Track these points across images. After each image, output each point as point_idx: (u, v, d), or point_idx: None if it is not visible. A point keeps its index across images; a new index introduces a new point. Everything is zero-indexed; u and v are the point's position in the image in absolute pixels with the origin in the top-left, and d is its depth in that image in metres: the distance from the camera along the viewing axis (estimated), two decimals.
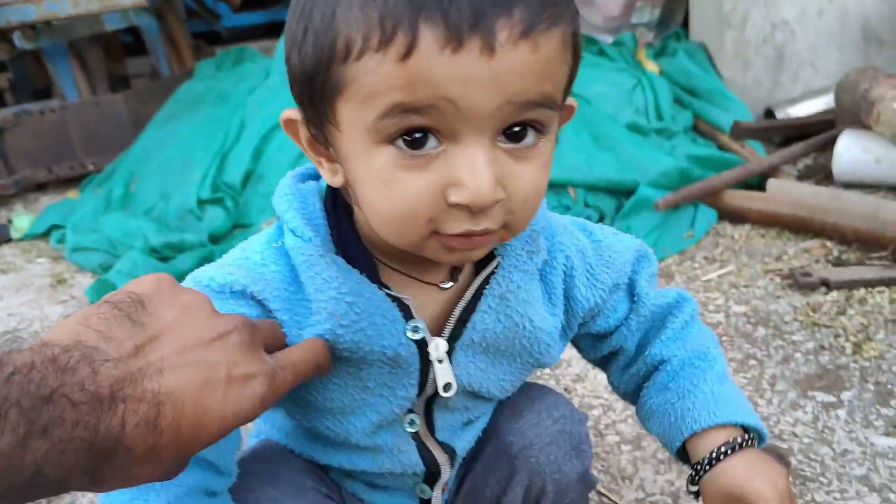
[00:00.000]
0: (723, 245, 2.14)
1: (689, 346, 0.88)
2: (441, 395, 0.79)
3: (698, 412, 0.82)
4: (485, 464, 0.93)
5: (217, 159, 2.80)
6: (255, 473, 0.84)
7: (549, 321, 0.83)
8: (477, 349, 0.80)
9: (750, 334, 1.70)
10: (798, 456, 1.32)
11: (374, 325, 0.74)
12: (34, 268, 2.83)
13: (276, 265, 0.74)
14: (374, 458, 0.86)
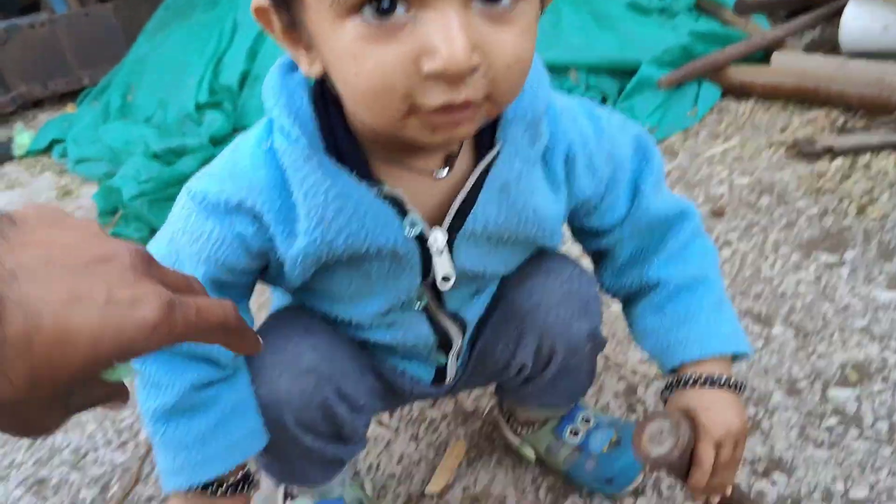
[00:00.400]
0: (727, 120, 2.12)
1: (688, 270, 0.88)
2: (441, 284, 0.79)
3: (691, 344, 0.86)
4: (494, 328, 0.93)
5: (212, 63, 2.76)
6: (289, 324, 0.86)
7: (553, 207, 0.81)
8: (479, 239, 0.79)
9: (753, 204, 1.70)
10: (800, 313, 1.35)
11: (367, 226, 0.72)
12: (39, 182, 2.84)
13: (266, 168, 0.72)
14: (387, 332, 0.88)
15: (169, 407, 0.79)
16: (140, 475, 1.28)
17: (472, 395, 1.31)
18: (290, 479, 0.98)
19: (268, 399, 0.83)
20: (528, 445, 1.12)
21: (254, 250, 0.77)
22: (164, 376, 0.79)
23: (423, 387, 0.97)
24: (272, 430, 0.85)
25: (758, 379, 1.22)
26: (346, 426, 0.90)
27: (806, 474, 1.05)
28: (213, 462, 0.81)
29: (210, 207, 0.74)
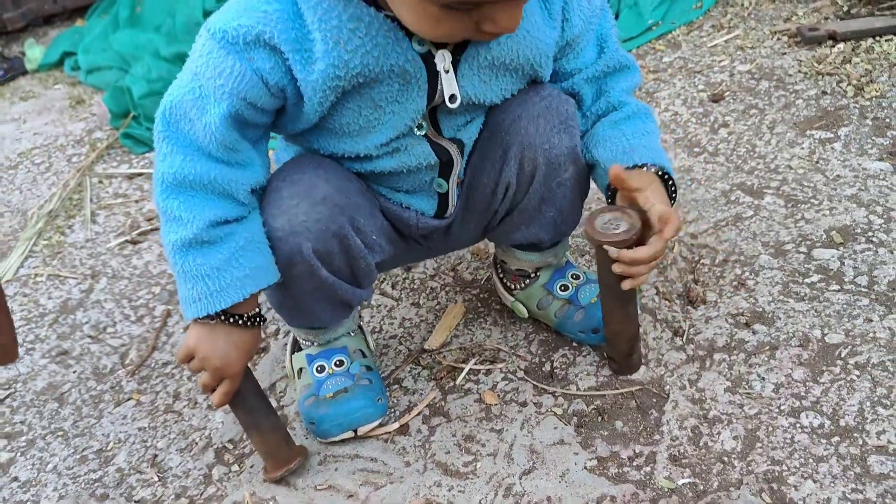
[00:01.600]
0: (731, 13, 2.10)
1: (640, 104, 1.00)
2: (446, 105, 0.86)
3: (648, 151, 0.96)
4: (482, 150, 0.99)
5: None
6: (302, 161, 0.93)
7: (547, 33, 0.89)
8: (482, 63, 0.87)
9: (753, 88, 1.71)
10: (791, 184, 1.38)
11: (379, 45, 0.80)
12: (53, 93, 2.88)
13: (279, 2, 0.79)
14: (392, 158, 0.94)
15: (188, 240, 0.86)
16: (156, 344, 1.36)
17: (471, 267, 1.37)
18: (300, 320, 1.04)
19: (286, 229, 0.89)
20: (520, 303, 1.18)
21: (272, 85, 0.82)
22: (185, 211, 0.85)
23: (427, 219, 1.03)
24: (290, 261, 0.91)
25: (745, 243, 1.26)
26: (359, 261, 0.96)
27: (785, 324, 1.10)
28: (227, 291, 0.88)
29: (229, 44, 0.79)
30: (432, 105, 0.89)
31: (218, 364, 0.92)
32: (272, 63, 0.80)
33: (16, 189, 2.12)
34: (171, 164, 0.86)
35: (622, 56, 0.99)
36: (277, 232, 0.90)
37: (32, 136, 2.48)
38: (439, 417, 1.07)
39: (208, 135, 0.83)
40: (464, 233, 1.09)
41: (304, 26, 0.79)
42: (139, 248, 1.68)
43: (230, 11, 0.80)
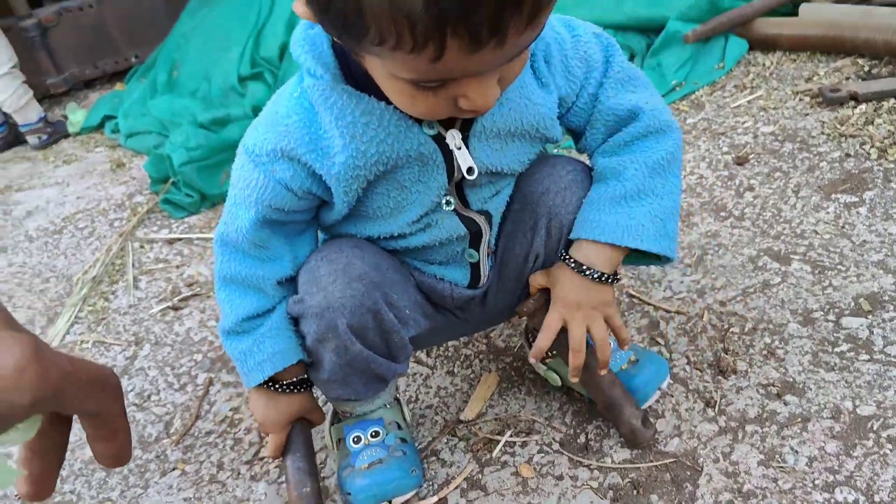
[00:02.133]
0: (753, 73, 2.15)
1: (611, 162, 0.99)
2: (467, 178, 0.91)
3: (578, 225, 1.00)
4: (513, 221, 1.05)
5: (253, 36, 2.86)
6: (339, 242, 1.01)
7: (545, 100, 0.94)
8: (490, 134, 0.92)
9: (777, 150, 1.75)
10: (818, 250, 1.40)
11: (392, 133, 0.87)
12: (94, 156, 2.99)
13: (297, 114, 0.89)
14: (424, 234, 1.01)
15: (228, 329, 1.02)
16: (199, 412, 1.40)
17: (503, 335, 1.40)
18: (337, 392, 1.08)
19: (323, 304, 0.96)
20: (553, 371, 1.21)
21: (297, 190, 0.93)
22: (226, 305, 1.02)
23: (461, 290, 1.08)
24: (326, 336, 0.98)
25: (773, 311, 1.28)
26: (393, 335, 1.01)
27: (816, 395, 1.12)
28: (252, 373, 1.03)
29: (256, 158, 0.92)
30: (455, 180, 0.95)
31: (260, 422, 1.08)
32: (293, 171, 0.91)
33: (61, 254, 2.20)
34: (217, 265, 1.02)
35: (620, 104, 0.97)
36: (315, 308, 0.97)
37: (76, 199, 2.57)
38: (477, 491, 1.10)
39: (240, 236, 0.97)
40: (499, 302, 1.13)
41: (321, 127, 0.88)
42: (181, 315, 1.74)
43: (260, 128, 0.92)
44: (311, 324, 0.98)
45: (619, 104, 0.97)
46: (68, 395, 0.44)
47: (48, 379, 0.42)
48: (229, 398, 1.42)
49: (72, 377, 0.45)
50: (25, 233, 2.40)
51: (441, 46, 0.61)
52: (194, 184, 2.17)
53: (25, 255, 2.25)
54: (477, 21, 0.60)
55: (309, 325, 0.99)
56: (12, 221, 2.53)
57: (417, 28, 0.60)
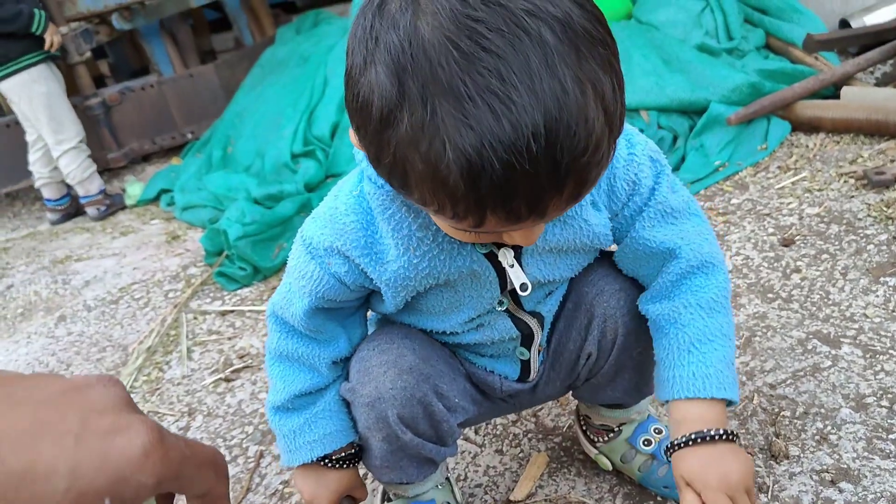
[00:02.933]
0: (796, 154, 2.17)
1: (663, 309, 0.96)
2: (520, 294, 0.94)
3: (660, 386, 0.97)
4: (567, 319, 1.06)
5: (306, 115, 2.98)
6: (392, 331, 1.03)
7: (599, 218, 0.94)
8: (542, 251, 0.94)
9: (823, 232, 1.76)
10: (868, 334, 1.40)
11: (445, 250, 0.89)
12: (150, 228, 3.11)
13: (355, 214, 0.91)
14: (476, 333, 1.03)
15: (278, 405, 1.04)
16: (250, 486, 1.43)
17: (552, 414, 1.41)
18: (388, 476, 1.10)
19: (374, 395, 0.98)
20: (603, 455, 1.21)
21: (349, 284, 0.96)
22: (279, 380, 1.03)
23: (511, 383, 1.09)
24: (376, 425, 0.99)
25: (824, 395, 1.28)
26: (442, 424, 1.02)
27: (872, 483, 1.10)
28: (299, 451, 1.04)
29: (313, 251, 0.95)
30: (508, 289, 0.96)
31: (307, 499, 1.08)
32: (347, 268, 0.93)
33: (117, 324, 2.27)
34: (271, 339, 1.04)
35: (658, 239, 0.94)
36: (365, 398, 0.99)
37: (132, 270, 2.67)
38: None
39: (295, 321, 1.00)
40: (548, 391, 1.15)
41: (377, 232, 0.90)
42: (232, 387, 1.78)
43: (319, 220, 0.95)
44: (361, 413, 1.00)
45: (654, 237, 0.94)
46: (186, 477, 0.47)
47: (171, 461, 0.45)
48: (280, 472, 1.44)
49: (190, 460, 0.47)
50: (84, 302, 2.49)
51: (481, 219, 0.65)
52: (248, 257, 2.24)
53: (84, 324, 2.32)
54: (516, 205, 0.63)
55: (359, 413, 1.01)
56: (71, 291, 2.62)
57: (458, 205, 0.63)
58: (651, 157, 0.93)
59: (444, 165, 0.60)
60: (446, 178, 0.61)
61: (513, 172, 0.60)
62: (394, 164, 0.64)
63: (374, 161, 0.68)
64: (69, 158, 3.24)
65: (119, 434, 0.42)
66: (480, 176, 0.60)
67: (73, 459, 0.39)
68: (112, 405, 0.45)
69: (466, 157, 0.59)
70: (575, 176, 0.62)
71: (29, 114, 3.21)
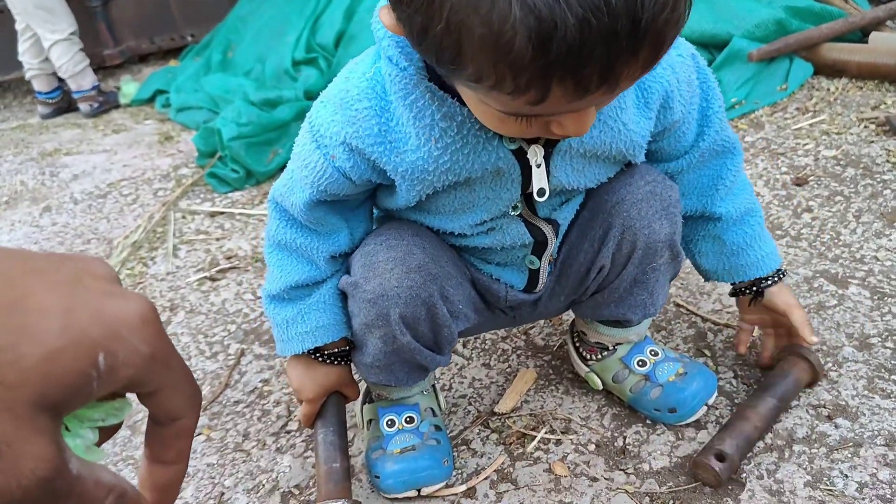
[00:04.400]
0: (817, 97, 2.10)
1: (740, 204, 1.04)
2: (538, 199, 0.87)
3: (749, 268, 1.07)
4: (581, 227, 1.00)
5: (310, 22, 2.87)
6: (400, 227, 0.96)
7: (642, 124, 0.88)
8: (574, 154, 0.87)
9: (838, 175, 1.70)
10: (878, 276, 1.35)
11: (469, 143, 0.81)
12: (143, 128, 3.02)
13: (369, 100, 0.82)
14: (486, 237, 0.97)
15: (273, 294, 1.00)
16: (229, 381, 1.39)
17: (543, 332, 1.37)
18: (377, 377, 1.05)
19: (377, 292, 0.92)
20: (594, 374, 1.17)
21: (354, 179, 0.89)
22: (276, 268, 0.99)
23: (516, 293, 1.04)
24: (376, 323, 0.94)
25: (828, 333, 1.24)
26: (443, 329, 0.98)
27: (870, 421, 1.07)
28: (291, 342, 1.01)
29: (319, 138, 0.87)
30: (526, 192, 0.90)
31: (295, 388, 1.07)
32: (352, 163, 0.86)
33: (103, 218, 2.21)
34: (271, 226, 1.00)
35: (724, 138, 1.00)
36: (368, 294, 0.93)
37: (122, 167, 2.59)
38: (507, 484, 1.07)
39: (296, 210, 0.95)
40: (551, 305, 1.10)
41: (393, 119, 0.82)
42: (217, 286, 1.73)
43: (329, 105, 0.86)
44: (361, 308, 0.95)
45: (726, 134, 1.00)
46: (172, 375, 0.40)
47: (166, 341, 0.39)
48: (260, 370, 1.40)
49: (180, 361, 0.40)
50: (71, 195, 2.42)
51: (545, 92, 0.56)
52: (241, 160, 2.17)
53: (69, 215, 2.26)
54: (587, 72, 0.54)
55: (359, 309, 0.95)
56: (59, 183, 2.55)
57: (522, 75, 0.55)
58: (693, 55, 0.93)
59: (508, 27, 0.52)
60: (511, 42, 0.52)
61: (588, 31, 0.51)
62: (446, 32, 0.55)
63: (420, 34, 0.58)
64: (60, 50, 3.12)
65: (115, 297, 0.36)
66: (552, 37, 0.51)
67: (67, 303, 0.34)
68: (107, 276, 0.39)
69: (537, 15, 0.51)
70: (653, 36, 0.54)
71: (17, 0, 3.07)
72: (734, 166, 1.02)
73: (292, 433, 1.23)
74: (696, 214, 1.06)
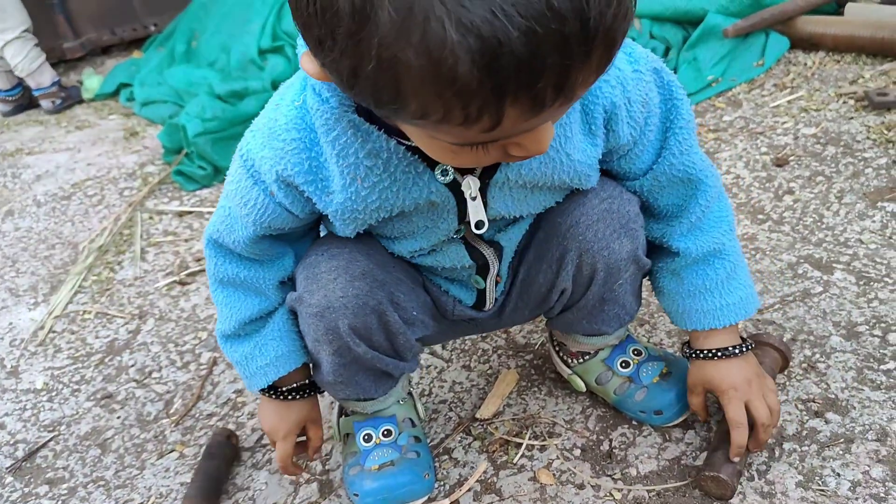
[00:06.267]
0: (794, 72, 2.06)
1: (705, 242, 0.93)
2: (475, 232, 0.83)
3: (703, 316, 0.96)
4: (536, 250, 0.95)
5: (276, 8, 2.79)
6: (344, 238, 0.90)
7: (589, 152, 0.81)
8: (513, 185, 0.81)
9: (819, 154, 1.67)
10: (863, 260, 1.32)
11: (398, 180, 0.76)
12: (107, 123, 2.93)
13: (297, 130, 0.76)
14: (427, 257, 0.93)
15: (228, 333, 0.96)
16: (202, 393, 1.34)
17: (524, 330, 1.33)
18: (345, 392, 1.01)
19: (323, 304, 0.88)
20: (577, 376, 1.14)
21: (297, 213, 0.84)
22: (224, 307, 0.96)
23: (464, 308, 1.01)
24: (327, 338, 0.90)
25: (814, 322, 1.21)
26: (398, 337, 0.94)
27: (861, 415, 1.04)
28: (255, 377, 0.97)
29: (255, 174, 0.81)
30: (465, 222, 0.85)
31: (268, 431, 1.03)
32: (292, 199, 0.81)
33: (68, 220, 2.14)
34: (210, 266, 0.95)
35: (686, 165, 0.88)
36: (313, 308, 0.89)
37: (86, 166, 2.51)
38: (491, 495, 1.03)
39: (238, 248, 0.90)
40: (516, 317, 1.06)
41: (322, 154, 0.76)
42: (187, 290, 1.67)
43: (258, 136, 0.80)
44: (309, 325, 0.91)
45: (690, 163, 0.88)
46: None
47: None
48: (233, 380, 1.36)
49: None
50: (34, 197, 2.35)
51: (499, 116, 0.51)
52: (208, 156, 2.10)
53: (32, 219, 2.19)
54: (542, 86, 0.49)
55: (307, 325, 0.91)
56: (21, 185, 2.47)
57: (472, 102, 0.49)
58: (656, 70, 0.83)
59: (447, 53, 0.46)
60: (453, 69, 0.46)
61: (536, 42, 0.46)
62: (379, 71, 0.49)
63: (351, 78, 0.52)
64: (14, 49, 2.99)
65: None
66: (497, 55, 0.46)
67: None
68: None
69: (476, 35, 0.45)
70: (604, 34, 0.48)
71: None
72: (703, 200, 0.91)
73: (267, 447, 1.19)
74: (656, 243, 0.97)
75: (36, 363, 1.51)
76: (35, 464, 1.25)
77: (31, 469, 1.24)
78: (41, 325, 1.64)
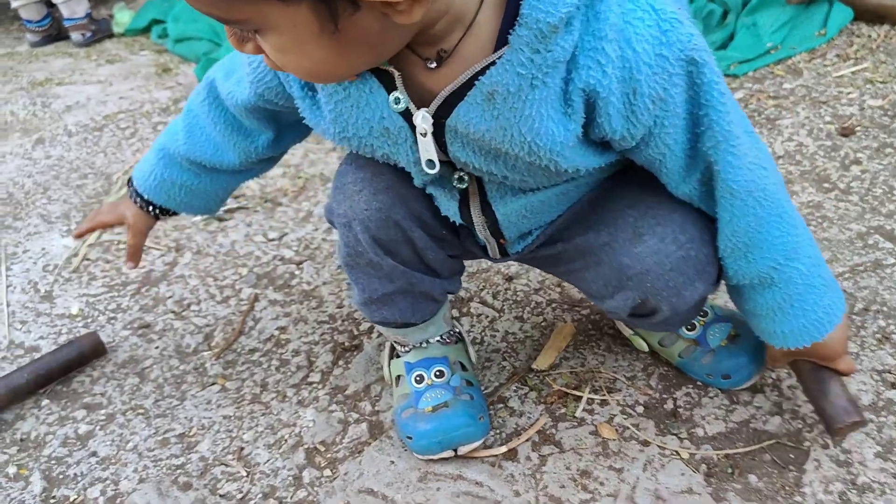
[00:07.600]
0: (858, 44, 1.99)
1: (749, 271, 0.82)
2: (427, 173, 0.78)
3: (760, 333, 0.90)
4: (596, 271, 0.88)
5: None
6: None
7: (558, 133, 0.69)
8: (468, 142, 0.74)
9: (887, 126, 1.61)
10: None
11: (352, 96, 0.73)
12: (138, 59, 2.87)
13: None
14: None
15: (171, 152, 1.02)
16: (243, 328, 1.30)
17: None
18: (382, 313, 0.97)
19: (348, 215, 0.87)
20: (640, 337, 1.09)
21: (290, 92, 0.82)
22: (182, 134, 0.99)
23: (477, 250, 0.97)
24: (354, 249, 0.90)
25: (887, 293, 1.16)
26: (427, 252, 0.91)
27: None
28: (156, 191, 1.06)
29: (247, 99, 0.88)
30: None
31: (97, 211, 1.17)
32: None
33: (100, 151, 2.09)
34: (197, 100, 0.96)
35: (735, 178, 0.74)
36: (341, 218, 0.89)
37: (118, 99, 2.46)
38: (550, 446, 1.00)
39: (229, 101, 0.91)
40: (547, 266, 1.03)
41: None
42: (225, 226, 1.63)
43: None
44: (340, 234, 0.90)
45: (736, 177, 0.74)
46: None
47: None
48: (276, 317, 1.32)
49: None
50: (65, 127, 2.29)
51: None
52: None
53: (64, 148, 2.14)
54: None
55: (340, 235, 0.91)
56: (51, 114, 2.42)
57: None
58: (693, 62, 0.66)
59: None
60: None
61: None
62: None
63: None
64: None
65: None
66: None
67: None
68: None
69: None
70: None
71: None
72: (752, 219, 0.77)
73: (314, 385, 1.15)
74: None
75: (70, 289, 1.48)
76: (71, 388, 1.21)
77: (67, 393, 1.21)
78: (75, 251, 1.60)
